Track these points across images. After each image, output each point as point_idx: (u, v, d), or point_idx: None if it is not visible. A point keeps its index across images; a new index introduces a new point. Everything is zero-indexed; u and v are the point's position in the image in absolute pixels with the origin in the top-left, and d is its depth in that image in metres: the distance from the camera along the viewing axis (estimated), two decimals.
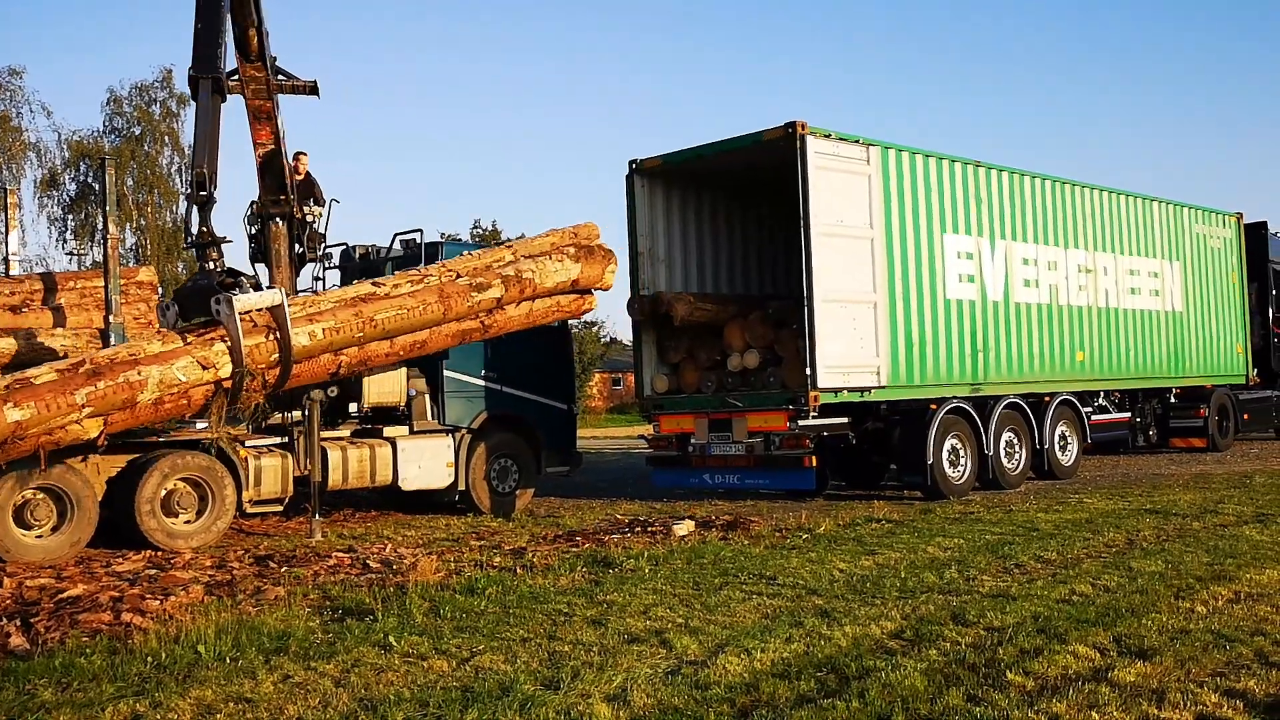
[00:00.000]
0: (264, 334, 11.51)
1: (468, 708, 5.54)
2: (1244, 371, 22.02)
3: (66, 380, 10.26)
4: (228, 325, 11.26)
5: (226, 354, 11.26)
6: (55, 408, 10.07)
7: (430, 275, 13.05)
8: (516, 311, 13.78)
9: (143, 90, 41.06)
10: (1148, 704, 5.34)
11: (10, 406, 9.85)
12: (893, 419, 15.44)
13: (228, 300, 11.27)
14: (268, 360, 11.57)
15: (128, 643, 7.15)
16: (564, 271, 14.00)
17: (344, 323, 12.04)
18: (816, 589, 8.50)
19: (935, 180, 15.50)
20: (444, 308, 12.76)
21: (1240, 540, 10.20)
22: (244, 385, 11.44)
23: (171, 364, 10.90)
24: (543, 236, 14.44)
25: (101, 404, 10.41)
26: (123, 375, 10.53)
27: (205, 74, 12.53)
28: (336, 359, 12.33)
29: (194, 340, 11.29)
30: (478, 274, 13.28)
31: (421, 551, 11.14)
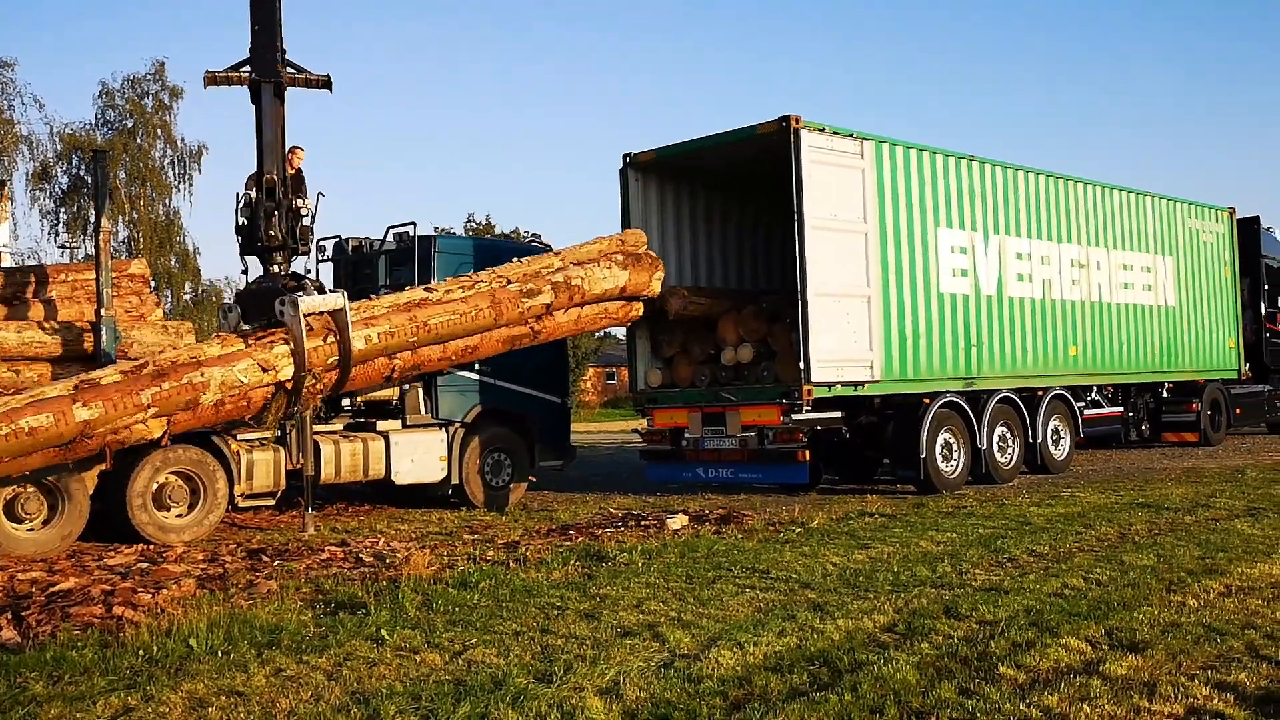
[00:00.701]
0: (322, 337, 11.66)
1: (460, 701, 5.54)
2: (1236, 366, 22.07)
3: (132, 381, 10.56)
4: (292, 327, 11.43)
5: (287, 356, 11.48)
6: (122, 407, 10.38)
7: (481, 281, 13.20)
8: (565, 318, 13.93)
9: (135, 83, 40.90)
10: (1139, 697, 5.35)
11: (79, 406, 10.18)
12: (886, 413, 15.45)
13: (293, 302, 11.46)
14: (325, 363, 11.74)
15: (119, 636, 7.14)
16: (612, 278, 14.15)
17: (399, 327, 12.19)
18: (809, 583, 8.51)
19: (929, 174, 15.50)
20: (495, 313, 12.92)
21: (1232, 534, 10.23)
22: (304, 387, 11.58)
23: (233, 366, 11.16)
24: (591, 244, 14.52)
25: (166, 404, 10.71)
26: (186, 377, 10.84)
27: (269, 78, 12.55)
28: (390, 363, 12.46)
29: (254, 343, 11.46)
30: (528, 280, 13.43)
31: (414, 545, 11.14)
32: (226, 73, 13.58)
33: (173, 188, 41.44)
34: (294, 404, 11.83)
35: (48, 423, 10.00)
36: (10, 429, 9.81)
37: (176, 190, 41.56)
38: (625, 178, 15.75)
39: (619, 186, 15.79)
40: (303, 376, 11.52)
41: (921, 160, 15.42)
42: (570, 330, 14.34)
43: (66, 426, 10.11)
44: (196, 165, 41.77)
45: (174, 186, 41.50)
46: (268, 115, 12.52)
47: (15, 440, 9.86)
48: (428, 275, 14.71)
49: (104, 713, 5.58)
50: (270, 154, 12.42)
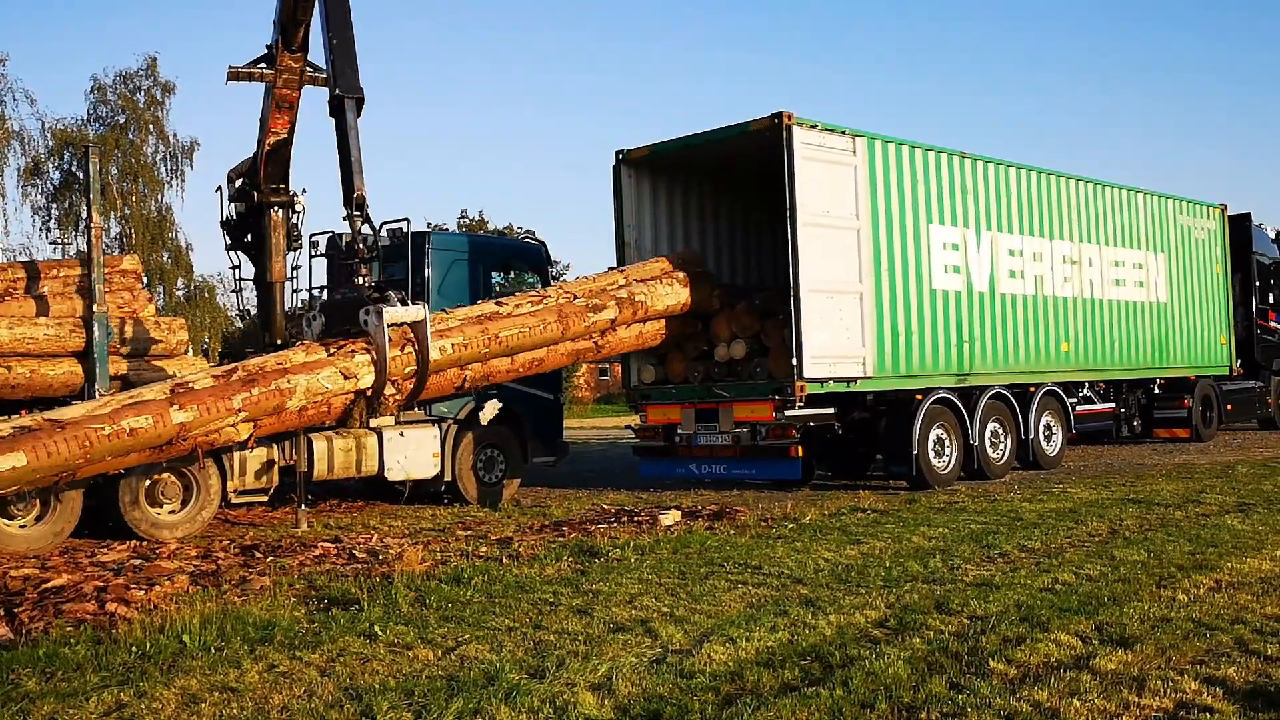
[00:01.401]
0: (400, 346, 11.98)
1: (453, 697, 5.55)
2: (1228, 362, 22.14)
3: (224, 386, 10.99)
4: (375, 336, 11.77)
5: (368, 365, 11.85)
6: (215, 411, 10.80)
7: (549, 296, 13.69)
8: (628, 333, 14.42)
9: (127, 78, 40.76)
10: (1128, 691, 5.38)
11: (176, 409, 10.53)
12: (879, 409, 15.48)
13: (378, 312, 11.76)
14: (402, 372, 12.06)
15: (112, 633, 7.13)
16: (674, 295, 14.65)
17: (472, 339, 12.65)
18: (802, 578, 8.53)
19: (921, 171, 15.52)
20: (562, 327, 13.37)
21: (1222, 529, 10.27)
22: (383, 394, 11.91)
23: (317, 374, 11.60)
24: (654, 262, 15.00)
25: (254, 409, 11.13)
26: (274, 383, 11.25)
27: (351, 94, 12.56)
28: (462, 373, 12.88)
29: (337, 352, 11.81)
30: (593, 296, 13.89)
31: (407, 541, 11.14)
32: (249, 69, 13.60)
33: (165, 184, 41.33)
34: (374, 411, 12.22)
35: (147, 424, 10.36)
36: (114, 429, 10.14)
37: (168, 186, 41.48)
38: (618, 174, 15.75)
39: (612, 183, 15.80)
40: (383, 385, 11.85)
41: (914, 157, 15.45)
42: (632, 346, 14.79)
43: (165, 428, 10.47)
44: (188, 161, 41.70)
45: (166, 182, 41.39)
46: (353, 131, 12.51)
47: (118, 440, 10.19)
48: (421, 272, 14.73)
49: (97, 709, 5.58)
50: (359, 169, 12.41)
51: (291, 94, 13.90)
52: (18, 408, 12.01)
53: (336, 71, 12.59)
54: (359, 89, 12.61)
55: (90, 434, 10.02)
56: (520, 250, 18.27)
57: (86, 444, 9.98)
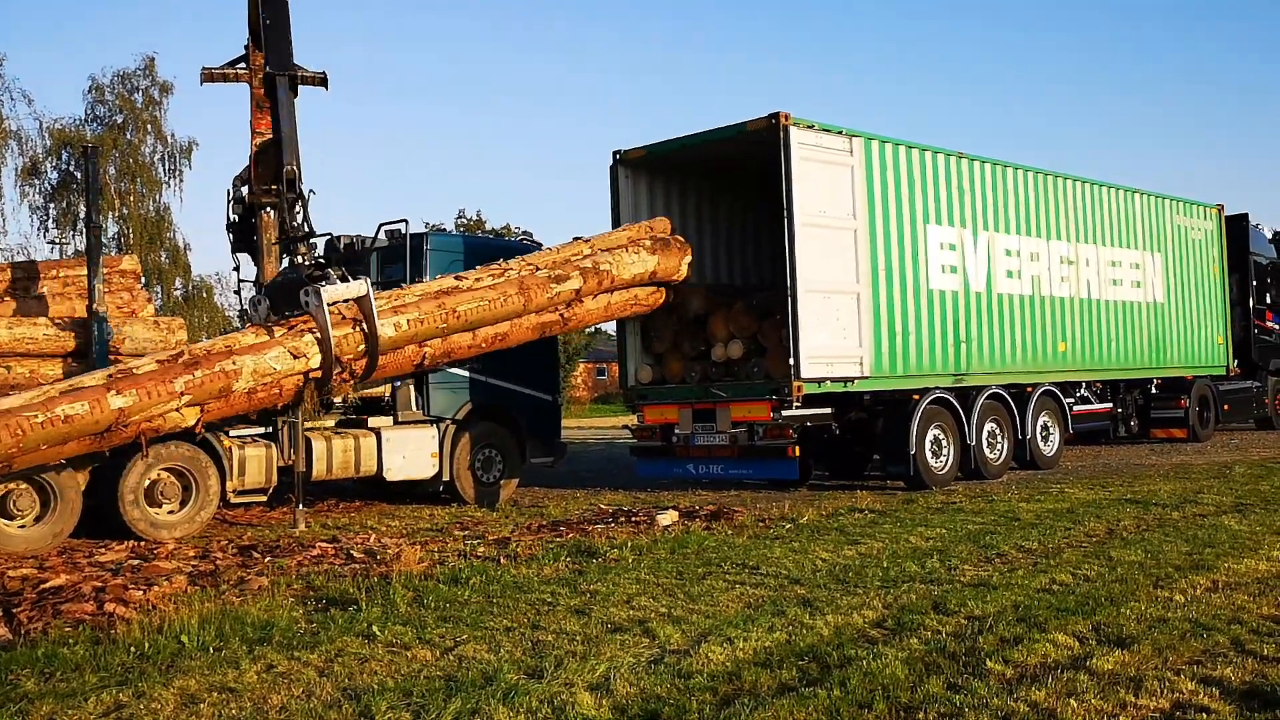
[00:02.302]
0: (351, 325, 11.77)
1: (451, 697, 5.56)
2: (1225, 362, 22.16)
3: (166, 369, 10.70)
4: (316, 316, 11.56)
5: (316, 344, 11.55)
6: (156, 395, 10.51)
7: (510, 269, 13.33)
8: (595, 304, 14.07)
9: (125, 78, 40.71)
10: (1125, 692, 5.39)
11: (114, 394, 10.27)
12: (876, 409, 15.50)
13: (316, 291, 11.58)
14: (355, 351, 11.85)
15: (111, 633, 7.14)
16: (641, 264, 14.29)
17: (428, 314, 12.32)
18: (799, 578, 8.55)
19: (918, 171, 15.54)
20: (524, 299, 13.03)
21: (1219, 530, 10.29)
22: (333, 375, 11.70)
23: (264, 354, 11.30)
24: (619, 231, 14.69)
25: (199, 393, 10.85)
26: (219, 365, 10.98)
27: (283, 71, 12.67)
28: (421, 350, 12.60)
29: (285, 331, 11.57)
30: (556, 266, 13.55)
31: (405, 541, 11.15)
32: (224, 69, 13.60)
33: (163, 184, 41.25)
34: (325, 392, 12.03)
35: (83, 410, 10.11)
36: (47, 416, 9.93)
37: (166, 186, 41.41)
38: (615, 175, 15.76)
39: (609, 183, 15.80)
40: (330, 364, 11.65)
41: (911, 157, 15.46)
42: (601, 317, 14.55)
43: (102, 414, 10.23)
44: (187, 161, 41.62)
45: (164, 182, 41.31)
46: (284, 108, 12.62)
47: (52, 428, 9.97)
48: (419, 273, 14.72)
49: (96, 709, 5.59)
50: (289, 146, 12.50)
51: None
52: None
53: (268, 50, 12.79)
54: (291, 66, 12.79)
55: (23, 422, 9.73)
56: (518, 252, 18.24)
57: (19, 432, 9.70)
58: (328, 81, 13.89)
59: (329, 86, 13.88)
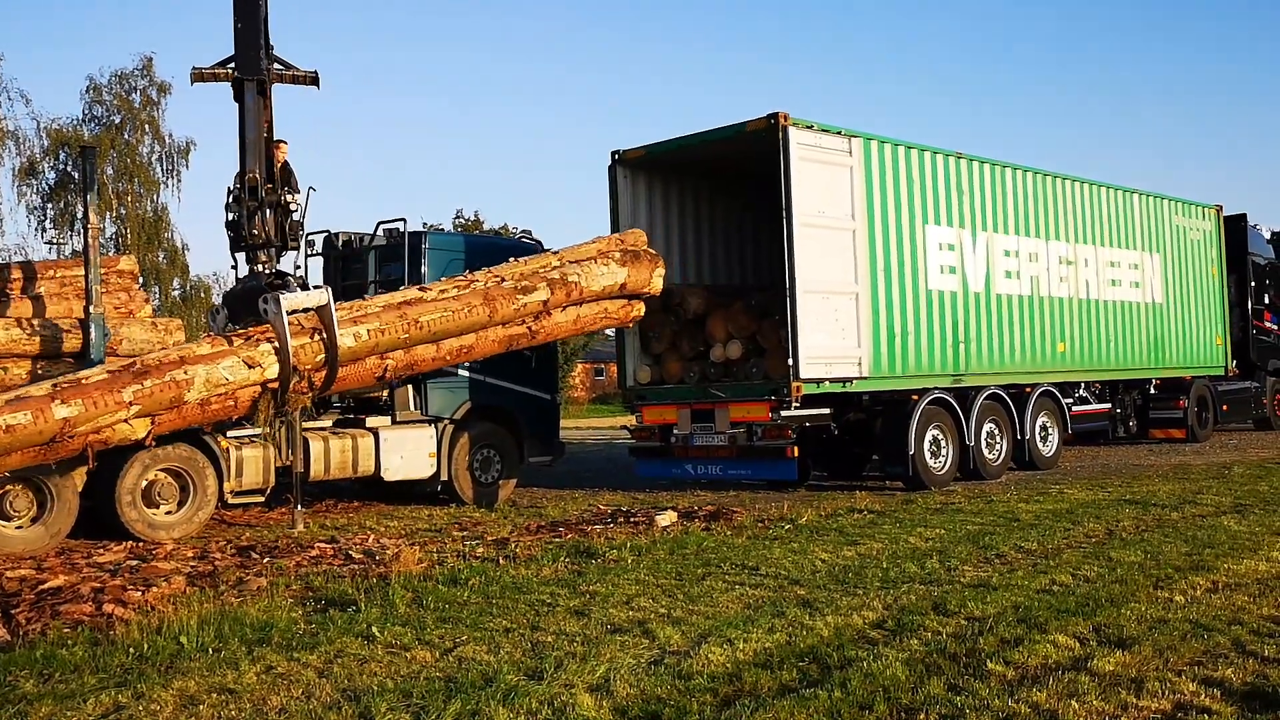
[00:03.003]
0: (310, 335, 11.54)
1: (451, 698, 5.55)
2: (1223, 363, 22.17)
3: (114, 379, 10.41)
4: (275, 324, 11.33)
5: (273, 354, 11.33)
6: (102, 405, 10.17)
7: (476, 280, 13.09)
8: (564, 317, 13.77)
9: (123, 78, 40.64)
10: (1126, 693, 5.39)
11: (59, 404, 9.97)
12: (875, 410, 15.49)
13: (275, 299, 11.38)
14: (314, 361, 11.61)
15: (109, 634, 7.13)
16: (610, 275, 13.97)
17: (389, 324, 12.03)
18: (799, 579, 8.54)
19: (917, 172, 15.54)
20: (489, 310, 12.75)
21: (1218, 530, 10.28)
22: (290, 386, 11.49)
23: (218, 364, 11.01)
24: (589, 243, 14.38)
25: (149, 403, 10.51)
26: (169, 374, 10.65)
27: (251, 76, 12.60)
28: (383, 362, 12.31)
29: (240, 341, 11.38)
30: (523, 278, 13.30)
31: (404, 542, 11.14)
32: (214, 69, 13.57)
33: (160, 184, 41.21)
34: (282, 403, 11.74)
35: (26, 420, 9.80)
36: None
37: (164, 186, 41.35)
38: (614, 175, 15.76)
39: (608, 183, 15.80)
40: (288, 375, 11.41)
41: (910, 158, 15.46)
42: (570, 330, 14.26)
43: (46, 424, 9.88)
44: (184, 161, 41.56)
45: (162, 182, 41.26)
46: (250, 113, 12.56)
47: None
48: (418, 271, 14.71)
49: (95, 711, 5.57)
50: (252, 152, 12.44)
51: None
52: None
53: (237, 53, 12.75)
54: (259, 71, 12.76)
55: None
56: (516, 250, 18.20)
57: None
58: (319, 80, 13.87)
59: (320, 85, 13.86)
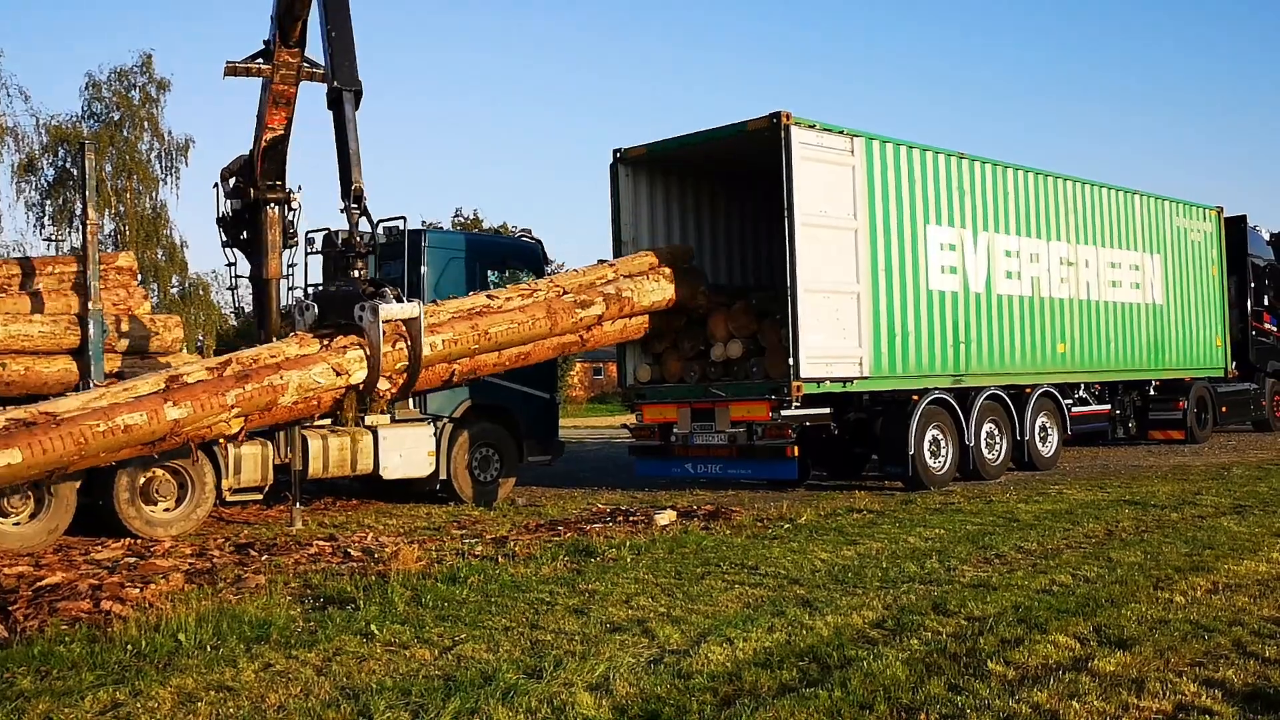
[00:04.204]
0: (392, 343, 11.90)
1: (450, 697, 5.53)
2: (1223, 364, 22.16)
3: (218, 382, 10.90)
4: (369, 332, 11.69)
5: (360, 361, 11.76)
6: (208, 408, 10.70)
7: (539, 290, 13.62)
8: (612, 328, 14.38)
9: (122, 75, 40.63)
10: (1127, 693, 5.37)
11: (170, 405, 10.43)
12: (875, 409, 15.47)
13: (373, 309, 11.66)
14: (394, 368, 12.00)
15: (107, 631, 7.11)
16: (660, 291, 14.62)
17: (461, 335, 12.55)
18: (798, 578, 8.52)
19: (919, 172, 15.52)
20: (550, 323, 13.33)
21: (1218, 531, 10.27)
22: (374, 390, 11.85)
23: (309, 369, 11.48)
24: (642, 256, 14.92)
25: (247, 405, 11.03)
26: (267, 379, 11.16)
27: (350, 87, 12.53)
28: (450, 367, 12.76)
29: (329, 346, 11.76)
30: (582, 291, 13.87)
31: (403, 540, 11.12)
32: (246, 64, 13.59)
33: (159, 181, 41.21)
34: (365, 406, 12.21)
35: (142, 421, 10.26)
36: (108, 426, 10.04)
37: (163, 183, 41.35)
38: (615, 173, 15.73)
39: (609, 182, 15.77)
40: (375, 381, 11.77)
41: (911, 158, 15.44)
42: (615, 339, 14.75)
43: (159, 425, 10.36)
44: (183, 158, 41.57)
45: (161, 179, 41.25)
46: (350, 124, 12.45)
47: (112, 437, 10.09)
48: (417, 269, 14.72)
49: (92, 708, 5.56)
50: (356, 162, 12.35)
51: (289, 90, 13.89)
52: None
53: (335, 65, 12.55)
54: (357, 82, 12.56)
55: (85, 431, 9.93)
56: (516, 249, 18.25)
57: (82, 441, 9.90)
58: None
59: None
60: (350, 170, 12.32)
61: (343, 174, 12.42)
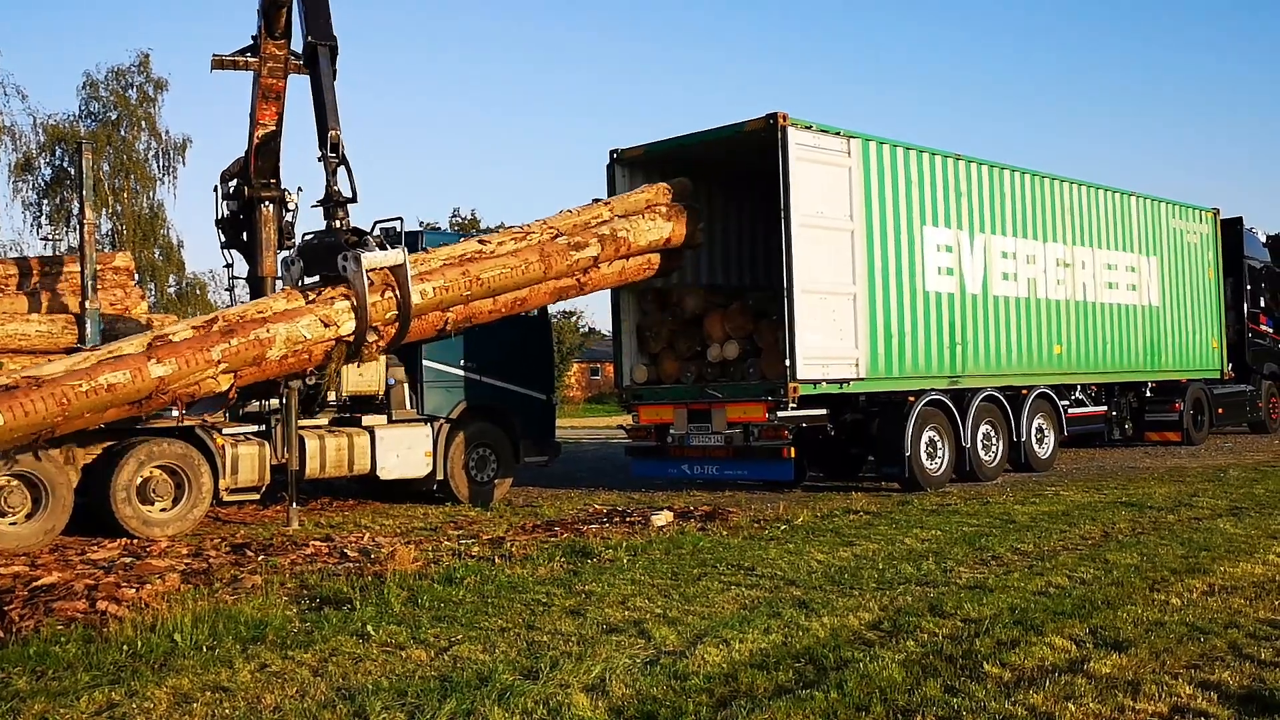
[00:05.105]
0: (381, 292, 11.91)
1: (446, 697, 5.53)
2: (1219, 366, 22.18)
3: (203, 338, 10.94)
4: (354, 281, 11.73)
5: (348, 312, 11.76)
6: (194, 363, 10.76)
7: (532, 233, 13.47)
8: (610, 270, 14.21)
9: (119, 75, 40.57)
10: (1123, 695, 5.38)
11: (154, 363, 10.49)
12: (871, 411, 15.48)
13: (355, 257, 11.73)
14: (384, 318, 12.01)
15: (103, 631, 7.11)
16: (657, 230, 14.41)
17: (452, 281, 12.49)
18: (795, 580, 8.52)
19: (915, 173, 15.53)
20: (544, 266, 13.23)
21: (1214, 533, 10.28)
22: (364, 341, 11.89)
23: (297, 322, 11.49)
24: (638, 193, 14.69)
25: (235, 360, 11.07)
26: (253, 333, 11.18)
27: (325, 40, 12.83)
28: (443, 316, 12.78)
29: (316, 299, 11.75)
30: (576, 232, 13.70)
31: (399, 541, 11.11)
32: (234, 57, 13.61)
33: (157, 180, 41.15)
34: (354, 357, 12.19)
35: (125, 379, 10.32)
36: (91, 385, 10.11)
37: (161, 183, 41.30)
38: (612, 173, 15.74)
39: (606, 182, 15.77)
40: (364, 331, 11.80)
41: (908, 159, 15.45)
42: (614, 281, 14.60)
43: (143, 383, 10.42)
44: (181, 158, 41.52)
45: (158, 179, 41.19)
46: (325, 77, 12.73)
47: (96, 396, 10.16)
48: None
49: (88, 708, 5.55)
50: (332, 111, 12.61)
51: (277, 83, 13.87)
52: None
53: (308, 20, 12.86)
54: (332, 36, 12.90)
55: (68, 391, 9.94)
56: None
57: (64, 401, 9.91)
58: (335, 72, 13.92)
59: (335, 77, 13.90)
60: (326, 119, 12.51)
61: (320, 124, 12.63)
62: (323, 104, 12.60)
